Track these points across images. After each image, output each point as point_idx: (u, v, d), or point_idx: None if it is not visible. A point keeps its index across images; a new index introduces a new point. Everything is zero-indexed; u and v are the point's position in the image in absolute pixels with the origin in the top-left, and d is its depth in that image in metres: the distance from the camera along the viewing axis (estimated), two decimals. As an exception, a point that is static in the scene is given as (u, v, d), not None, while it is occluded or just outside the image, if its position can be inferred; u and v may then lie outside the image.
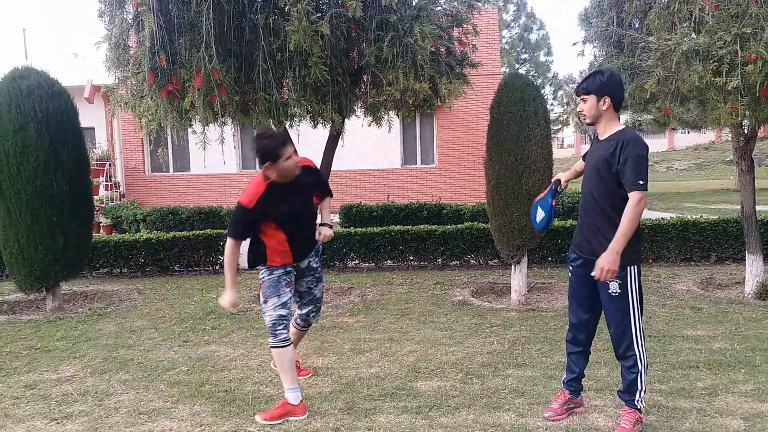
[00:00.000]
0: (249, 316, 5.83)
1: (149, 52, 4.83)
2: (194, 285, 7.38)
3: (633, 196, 2.92)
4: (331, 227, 3.81)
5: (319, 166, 6.34)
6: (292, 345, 3.54)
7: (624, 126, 3.15)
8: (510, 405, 3.53)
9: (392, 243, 8.08)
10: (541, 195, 3.78)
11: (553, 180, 3.70)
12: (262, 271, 3.60)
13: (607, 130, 3.12)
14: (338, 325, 5.40)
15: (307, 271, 3.76)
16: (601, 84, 3.06)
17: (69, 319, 5.87)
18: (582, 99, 3.13)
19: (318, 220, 3.82)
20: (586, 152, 3.40)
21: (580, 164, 3.55)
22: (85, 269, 7.77)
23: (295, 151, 3.43)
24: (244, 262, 3.65)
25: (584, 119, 3.17)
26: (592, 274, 3.00)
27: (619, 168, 2.95)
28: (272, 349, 3.52)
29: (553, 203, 3.65)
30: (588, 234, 3.15)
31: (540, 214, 3.72)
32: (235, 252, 3.47)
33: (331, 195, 3.98)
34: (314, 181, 3.75)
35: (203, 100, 4.95)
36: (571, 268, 3.33)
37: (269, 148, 3.33)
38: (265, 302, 3.53)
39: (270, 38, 4.90)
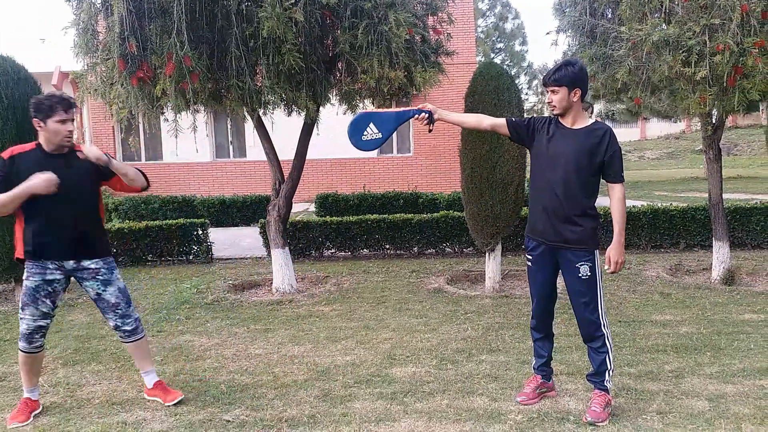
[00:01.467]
0: (223, 305, 5.80)
1: (119, 37, 4.73)
2: (167, 275, 7.30)
3: (619, 188, 3.12)
4: (107, 157, 3.22)
5: (293, 155, 6.34)
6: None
7: (595, 118, 3.21)
8: (483, 390, 3.58)
9: (368, 232, 8.09)
10: (383, 110, 3.36)
11: (421, 107, 3.28)
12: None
13: (578, 120, 3.16)
14: (314, 314, 5.40)
15: (82, 272, 3.33)
16: (574, 75, 3.07)
17: (39, 311, 5.76)
18: (552, 90, 3.12)
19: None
20: (521, 122, 3.29)
21: (482, 120, 3.43)
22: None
23: (73, 123, 3.23)
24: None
25: (553, 110, 3.17)
26: (606, 267, 3.12)
27: (606, 160, 3.09)
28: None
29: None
30: (556, 221, 3.15)
31: (372, 134, 3.25)
32: None
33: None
34: (96, 168, 3.27)
35: (175, 87, 4.87)
36: (530, 257, 3.33)
37: (44, 101, 3.15)
38: (22, 309, 3.24)
39: (243, 25, 4.84)
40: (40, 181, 3.05)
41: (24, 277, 3.27)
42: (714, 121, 6.13)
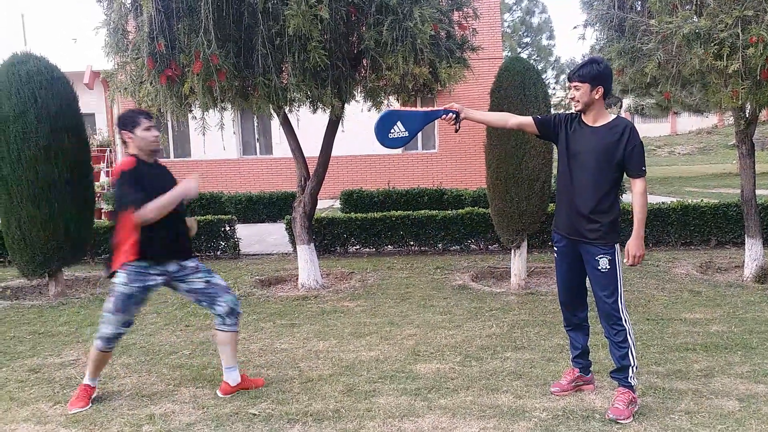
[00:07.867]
0: (250, 301, 5.87)
1: (148, 37, 4.82)
2: (196, 270, 7.41)
3: (640, 183, 3.10)
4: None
5: (319, 152, 6.38)
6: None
7: (616, 114, 3.20)
8: (508, 387, 3.57)
9: (393, 228, 8.10)
10: (411, 109, 3.31)
11: (447, 107, 3.28)
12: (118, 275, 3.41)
13: (599, 117, 3.18)
14: (339, 309, 5.44)
15: (185, 271, 3.54)
16: (598, 74, 3.10)
17: (72, 304, 5.91)
18: (575, 86, 3.15)
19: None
20: (547, 119, 3.31)
21: (508, 118, 3.41)
22: (87, 255, 7.80)
23: (158, 129, 3.49)
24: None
25: (576, 106, 3.19)
26: (625, 260, 3.13)
27: (625, 156, 3.08)
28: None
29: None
30: (575, 217, 3.20)
31: (399, 132, 3.23)
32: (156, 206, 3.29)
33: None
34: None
35: (202, 85, 4.94)
36: (556, 248, 3.42)
37: (127, 115, 3.43)
38: (113, 314, 3.50)
39: (269, 22, 4.88)
40: (193, 184, 3.38)
41: (121, 282, 3.38)
42: (747, 116, 5.98)
